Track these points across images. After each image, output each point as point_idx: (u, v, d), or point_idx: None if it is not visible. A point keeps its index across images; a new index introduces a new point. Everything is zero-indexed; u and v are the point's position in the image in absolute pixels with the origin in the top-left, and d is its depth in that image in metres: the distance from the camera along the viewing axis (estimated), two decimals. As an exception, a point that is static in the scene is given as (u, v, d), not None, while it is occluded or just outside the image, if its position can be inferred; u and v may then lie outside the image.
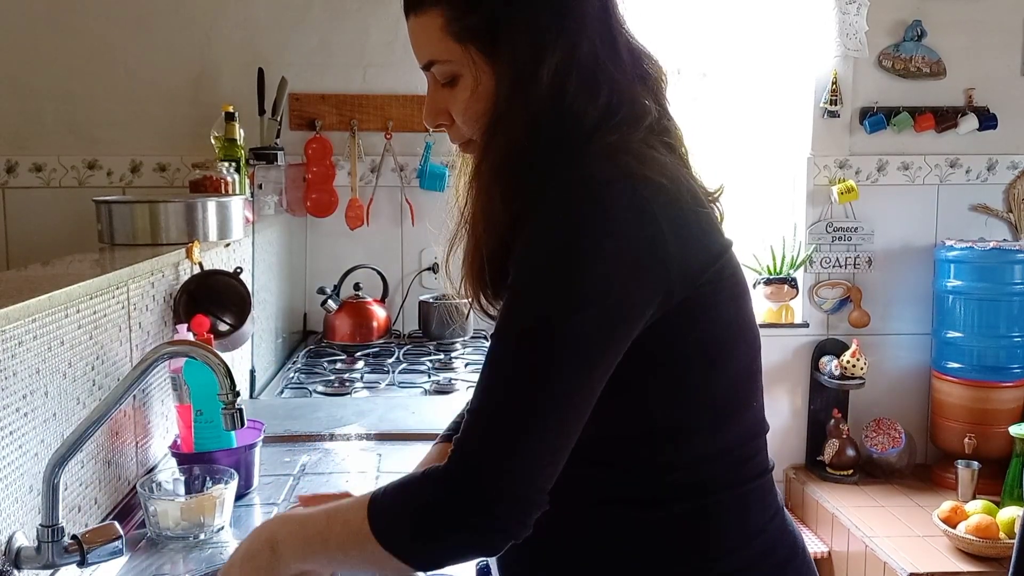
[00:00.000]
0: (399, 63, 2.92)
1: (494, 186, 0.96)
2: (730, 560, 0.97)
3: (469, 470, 0.86)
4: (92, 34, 2.86)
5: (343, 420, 1.96)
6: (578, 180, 0.90)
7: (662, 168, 0.92)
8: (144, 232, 1.82)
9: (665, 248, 0.88)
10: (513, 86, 0.94)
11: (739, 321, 0.98)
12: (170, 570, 1.30)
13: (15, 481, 1.15)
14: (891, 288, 3.22)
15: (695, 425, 0.96)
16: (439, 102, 1.02)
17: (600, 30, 0.97)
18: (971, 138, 3.14)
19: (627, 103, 0.97)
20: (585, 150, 0.93)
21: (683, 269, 0.90)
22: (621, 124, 0.95)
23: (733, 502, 0.98)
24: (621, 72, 0.98)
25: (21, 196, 2.87)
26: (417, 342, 2.84)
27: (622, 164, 0.91)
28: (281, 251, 2.82)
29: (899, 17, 3.09)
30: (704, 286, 0.92)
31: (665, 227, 0.89)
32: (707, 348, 0.95)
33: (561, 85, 0.94)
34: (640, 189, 0.89)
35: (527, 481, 0.86)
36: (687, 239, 0.91)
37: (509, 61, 0.94)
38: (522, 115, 0.94)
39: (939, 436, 3.13)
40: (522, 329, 0.88)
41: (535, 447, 0.86)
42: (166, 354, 1.19)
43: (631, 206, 0.88)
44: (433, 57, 0.99)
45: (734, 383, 0.98)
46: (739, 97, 3.19)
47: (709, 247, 0.94)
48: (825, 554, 2.94)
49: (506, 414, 0.86)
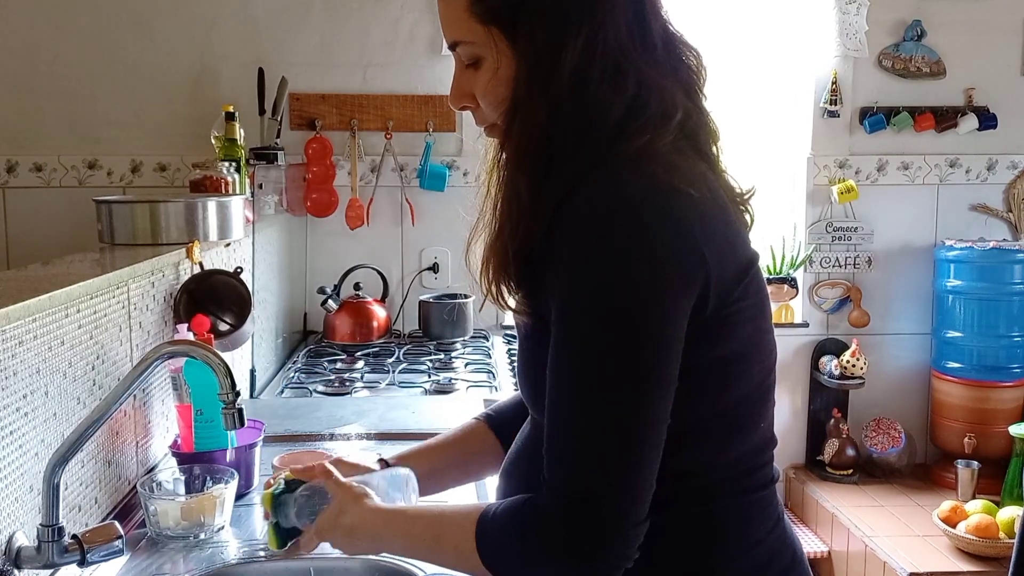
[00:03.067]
0: (399, 63, 2.92)
1: (518, 175, 0.95)
2: (728, 571, 0.97)
3: (583, 503, 0.86)
4: (92, 34, 2.86)
5: (343, 420, 1.96)
6: (610, 191, 0.88)
7: (691, 178, 0.90)
8: (144, 232, 1.82)
9: (702, 261, 0.87)
10: (532, 72, 0.93)
11: (757, 338, 0.96)
12: (170, 570, 1.30)
13: (15, 481, 1.15)
14: (891, 288, 3.22)
15: (700, 437, 0.94)
16: (464, 84, 1.00)
17: (629, 17, 0.94)
18: (971, 138, 3.14)
19: (656, 98, 0.93)
20: (614, 150, 0.91)
21: (718, 283, 0.89)
22: (649, 123, 0.92)
23: (733, 512, 0.97)
24: (651, 63, 0.94)
25: (21, 196, 2.87)
26: (417, 342, 2.84)
27: (651, 173, 0.89)
28: (281, 251, 2.82)
29: (899, 17, 3.09)
30: (736, 300, 0.91)
31: (699, 241, 0.88)
32: (725, 363, 0.93)
33: (583, 73, 0.91)
34: (672, 203, 0.88)
35: (636, 505, 0.87)
36: (720, 253, 0.90)
37: (528, 46, 0.93)
38: (542, 102, 0.92)
39: (939, 436, 3.13)
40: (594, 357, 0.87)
41: (636, 471, 0.87)
42: (166, 354, 1.19)
43: (668, 223, 0.87)
44: (457, 37, 0.98)
45: (745, 400, 0.97)
46: (739, 97, 3.19)
47: (739, 260, 0.93)
48: (825, 554, 2.94)
49: (605, 443, 0.87)
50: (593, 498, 0.86)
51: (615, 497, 0.86)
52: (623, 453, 0.86)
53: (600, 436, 0.87)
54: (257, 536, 1.41)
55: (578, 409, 0.88)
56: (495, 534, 0.92)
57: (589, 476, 0.87)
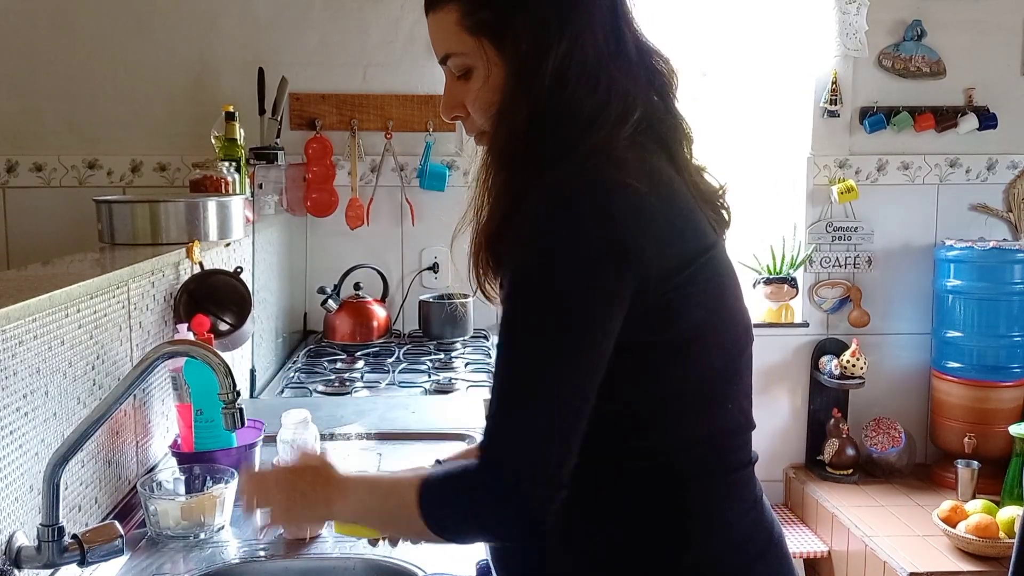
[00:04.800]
0: (399, 63, 2.92)
1: (498, 173, 1.02)
2: (699, 549, 1.00)
3: (501, 469, 0.93)
4: (92, 34, 2.86)
5: (343, 420, 1.96)
6: (552, 183, 0.95)
7: (636, 170, 0.96)
8: (144, 232, 1.82)
9: (625, 248, 0.93)
10: (517, 78, 1.00)
11: (714, 322, 1.01)
12: (170, 570, 1.30)
13: (15, 480, 1.15)
14: (891, 288, 3.22)
15: (662, 415, 0.99)
16: (455, 95, 1.07)
17: (606, 27, 1.01)
18: (971, 138, 3.14)
19: (618, 99, 1.00)
20: (575, 147, 0.97)
21: (652, 268, 0.94)
22: (608, 121, 0.99)
23: (709, 492, 1.01)
24: (625, 69, 1.02)
25: (21, 196, 2.87)
26: (417, 342, 2.84)
27: (592, 167, 0.95)
28: (281, 251, 2.82)
29: (899, 17, 3.09)
30: (679, 286, 0.96)
31: (626, 228, 0.93)
32: (677, 344, 0.98)
33: (563, 79, 0.98)
34: (603, 192, 0.94)
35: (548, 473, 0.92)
36: (656, 239, 0.95)
37: (515, 53, 1.00)
38: (524, 106, 0.99)
39: (939, 436, 3.13)
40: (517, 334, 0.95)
41: (549, 443, 0.92)
42: (166, 353, 1.20)
43: (592, 210, 0.93)
44: (449, 50, 1.04)
45: (706, 381, 1.01)
46: (739, 97, 3.19)
47: (684, 247, 0.98)
48: (825, 554, 2.94)
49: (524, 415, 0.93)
50: (509, 464, 0.93)
51: (528, 465, 0.92)
52: (538, 425, 0.92)
53: (520, 408, 0.93)
54: (257, 536, 1.41)
55: (505, 382, 0.95)
56: (435, 495, 0.98)
57: (507, 445, 0.94)
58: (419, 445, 1.81)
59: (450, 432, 1.86)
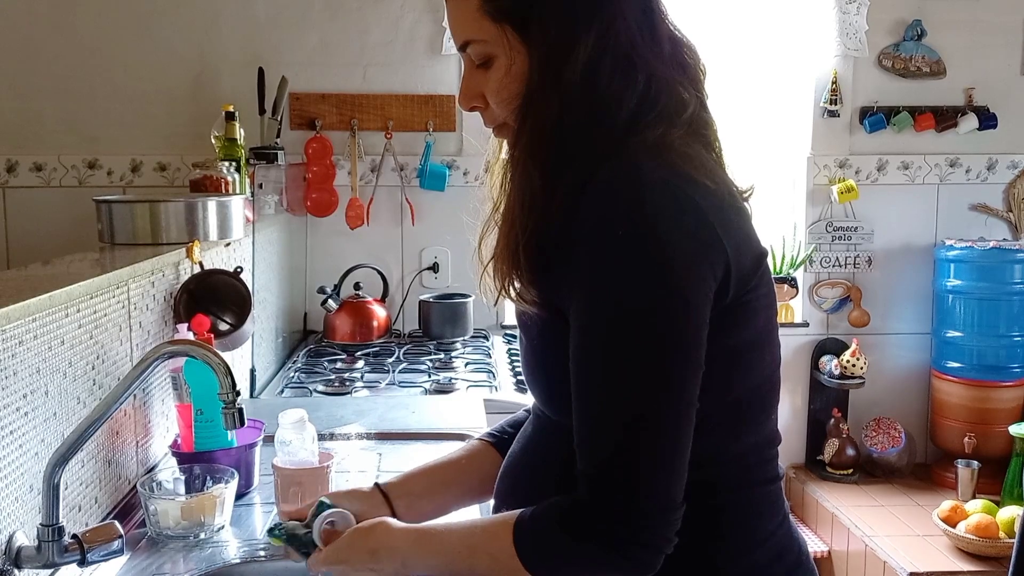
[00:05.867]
0: (399, 63, 2.92)
1: (531, 168, 0.95)
2: (736, 566, 0.97)
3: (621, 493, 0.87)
4: (92, 34, 2.86)
5: (343, 419, 1.96)
6: (634, 180, 0.89)
7: (705, 168, 0.93)
8: (144, 232, 1.82)
9: (722, 249, 0.89)
10: (545, 67, 0.94)
11: (768, 329, 0.98)
12: (170, 570, 1.30)
13: (15, 480, 1.15)
14: (891, 288, 3.22)
15: (713, 425, 0.94)
16: (474, 85, 1.01)
17: (638, 16, 0.96)
18: (971, 138, 3.14)
19: (666, 93, 0.96)
20: (630, 142, 0.92)
21: (736, 270, 0.90)
22: (661, 117, 0.94)
23: (741, 505, 0.98)
24: (659, 59, 0.96)
25: (21, 196, 2.87)
26: (417, 341, 2.84)
27: (670, 162, 0.90)
28: (281, 251, 2.82)
29: (899, 17, 3.09)
30: (753, 288, 0.93)
31: (718, 229, 0.89)
32: (740, 351, 0.95)
33: (595, 68, 0.93)
34: (690, 191, 0.89)
35: (672, 490, 0.87)
36: (737, 241, 0.91)
37: (542, 42, 0.94)
38: (554, 97, 0.93)
39: (939, 435, 3.13)
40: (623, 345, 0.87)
41: (670, 458, 0.87)
42: (166, 353, 1.19)
43: (691, 211, 0.88)
44: (468, 37, 0.98)
45: (757, 390, 0.98)
46: (739, 97, 3.19)
47: (754, 248, 0.95)
48: (825, 553, 2.94)
49: (638, 431, 0.87)
50: (631, 487, 0.86)
51: (652, 485, 0.86)
52: (657, 440, 0.87)
53: (633, 425, 0.87)
54: (257, 536, 1.41)
55: (609, 399, 0.88)
56: (535, 534, 0.91)
57: (625, 465, 0.87)
58: (419, 445, 1.81)
59: (450, 432, 1.86)
